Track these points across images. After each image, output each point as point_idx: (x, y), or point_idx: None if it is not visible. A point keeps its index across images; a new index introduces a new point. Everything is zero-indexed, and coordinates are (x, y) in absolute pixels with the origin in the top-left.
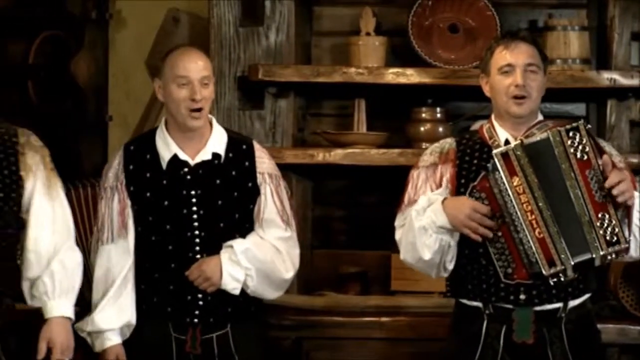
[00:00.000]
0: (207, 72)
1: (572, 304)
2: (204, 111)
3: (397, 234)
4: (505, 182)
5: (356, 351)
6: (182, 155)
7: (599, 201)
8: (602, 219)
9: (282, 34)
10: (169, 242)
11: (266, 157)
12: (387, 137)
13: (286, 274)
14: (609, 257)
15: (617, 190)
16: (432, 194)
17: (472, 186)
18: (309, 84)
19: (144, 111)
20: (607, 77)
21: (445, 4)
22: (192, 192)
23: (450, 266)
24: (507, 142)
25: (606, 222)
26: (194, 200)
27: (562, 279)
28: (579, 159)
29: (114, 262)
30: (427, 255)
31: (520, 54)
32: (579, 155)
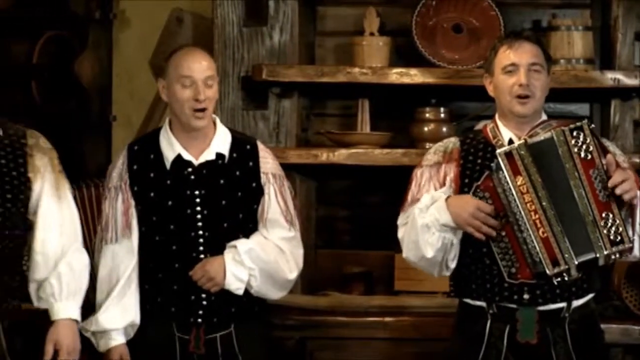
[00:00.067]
0: (211, 72)
1: (575, 303)
2: (207, 111)
3: (400, 232)
4: (509, 182)
5: (360, 351)
6: (186, 155)
7: (602, 201)
8: (606, 219)
9: (285, 34)
10: (173, 242)
11: (270, 157)
12: (391, 137)
13: (290, 274)
14: (613, 256)
15: (621, 189)
16: (435, 192)
17: (475, 186)
18: (312, 84)
19: (147, 111)
20: (611, 77)
21: (449, 4)
22: (196, 192)
23: (452, 265)
24: (510, 142)
25: (610, 222)
26: (198, 200)
27: (566, 278)
28: (583, 159)
29: (118, 262)
30: (430, 253)
31: (524, 54)
32: (582, 154)
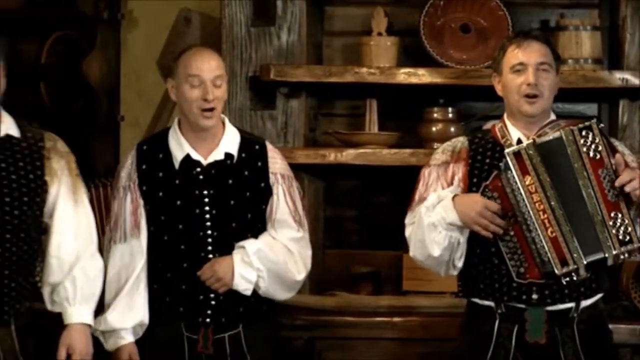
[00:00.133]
0: (220, 72)
1: (584, 303)
2: (216, 111)
3: (407, 231)
4: (517, 182)
5: (368, 351)
6: (194, 155)
7: (611, 200)
8: (614, 218)
9: (293, 34)
10: (182, 241)
11: (279, 158)
12: (399, 137)
13: (298, 275)
14: (622, 256)
15: (630, 187)
16: (442, 191)
17: (484, 185)
18: (320, 84)
19: (155, 111)
20: (619, 77)
21: (457, 4)
22: (205, 192)
23: (459, 264)
24: (519, 142)
25: (619, 222)
26: (207, 200)
27: (575, 278)
28: (592, 158)
29: (127, 261)
30: (437, 251)
31: (532, 53)
32: (591, 154)
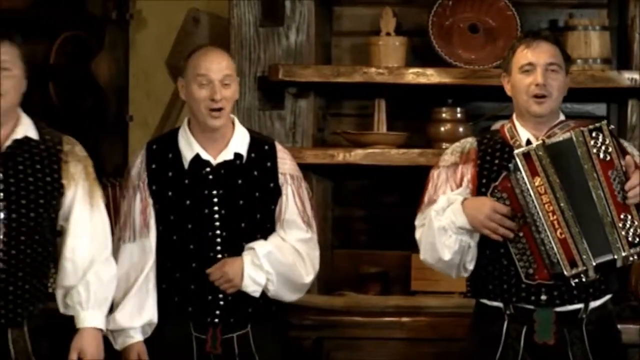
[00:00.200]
0: (229, 71)
1: (593, 304)
2: (224, 111)
3: (417, 234)
4: (526, 182)
5: (376, 351)
6: (204, 154)
7: (621, 202)
8: (624, 220)
9: (302, 34)
10: (190, 241)
11: (288, 158)
12: (408, 137)
13: (306, 277)
14: (631, 258)
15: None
16: (451, 193)
17: (493, 186)
18: (329, 84)
19: (164, 111)
20: (628, 77)
21: (465, 4)
22: (214, 192)
23: (470, 266)
24: (528, 142)
25: (628, 223)
26: (216, 200)
27: (584, 279)
28: (602, 160)
29: (136, 261)
30: (447, 255)
31: (541, 53)
32: (601, 155)
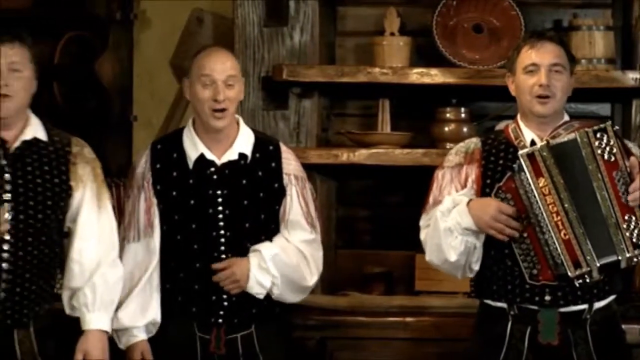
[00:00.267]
0: (233, 72)
1: (597, 305)
2: (227, 112)
3: (422, 235)
4: (530, 183)
5: (380, 351)
6: (208, 154)
7: (625, 203)
8: (628, 221)
9: (306, 34)
10: (194, 241)
11: (292, 159)
12: (412, 137)
13: (310, 279)
14: (635, 259)
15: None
16: (457, 194)
17: (497, 187)
18: (333, 84)
19: (168, 111)
20: (632, 77)
21: (469, 4)
22: (218, 192)
23: (476, 267)
24: (533, 143)
25: (632, 225)
26: (220, 200)
27: (588, 280)
28: (606, 161)
29: (140, 260)
30: (453, 256)
31: (545, 54)
32: (606, 156)
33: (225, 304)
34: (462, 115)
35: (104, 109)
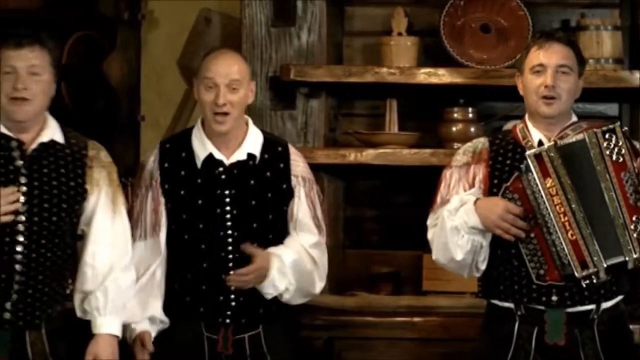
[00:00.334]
0: (238, 76)
1: (604, 305)
2: (229, 116)
3: (429, 234)
4: (538, 184)
5: (388, 351)
6: (217, 154)
7: (633, 204)
8: (636, 222)
9: (313, 34)
10: (202, 241)
11: (301, 161)
12: (419, 137)
13: (318, 287)
14: None
15: None
16: (464, 194)
17: (505, 187)
18: (340, 84)
19: (176, 111)
20: None
21: (477, 4)
22: (226, 192)
23: (482, 266)
24: (540, 143)
25: None
26: (228, 199)
27: (595, 281)
28: (615, 161)
29: (143, 258)
30: (460, 255)
31: (553, 55)
32: (614, 157)
33: (232, 304)
34: (470, 115)
35: (112, 109)
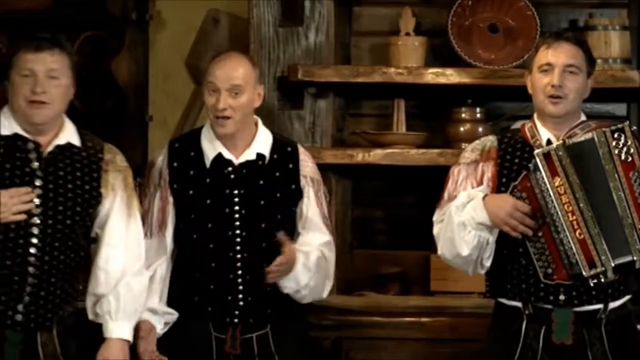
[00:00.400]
0: (240, 81)
1: (612, 305)
2: (230, 120)
3: (435, 229)
4: (546, 183)
5: (395, 351)
6: (226, 154)
7: None
8: None
9: (321, 34)
10: (210, 240)
11: (310, 161)
12: (427, 137)
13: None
14: None
15: None
16: (472, 190)
17: (513, 185)
18: (348, 84)
19: (183, 111)
20: None
21: (485, 3)
22: (235, 192)
23: (487, 263)
24: (549, 142)
25: None
26: (237, 199)
27: (603, 280)
28: (623, 161)
29: (148, 256)
30: (465, 251)
31: (561, 54)
32: (623, 156)
33: (240, 303)
34: (478, 115)
35: (120, 108)
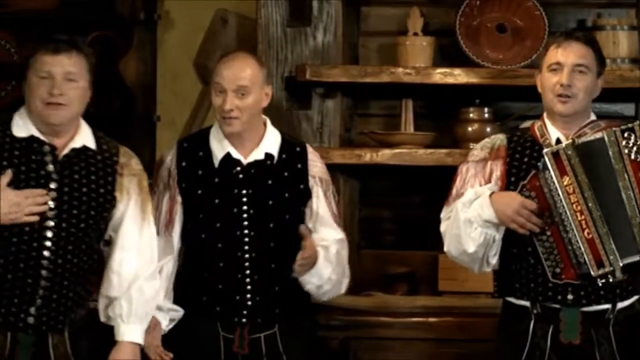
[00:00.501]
0: (247, 82)
1: (620, 305)
2: (237, 120)
3: (442, 226)
4: (555, 182)
5: (403, 351)
6: (235, 153)
7: None
8: None
9: (329, 34)
10: (219, 240)
11: (319, 161)
12: (435, 137)
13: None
14: None
15: None
16: (479, 187)
17: (522, 184)
18: (356, 84)
19: (191, 111)
20: None
21: (493, 3)
22: (244, 191)
23: (493, 261)
24: (558, 141)
25: None
26: (245, 199)
27: (611, 280)
28: (633, 160)
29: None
30: (471, 248)
31: (570, 53)
32: (633, 156)
33: (249, 303)
34: (486, 115)
35: (128, 108)
